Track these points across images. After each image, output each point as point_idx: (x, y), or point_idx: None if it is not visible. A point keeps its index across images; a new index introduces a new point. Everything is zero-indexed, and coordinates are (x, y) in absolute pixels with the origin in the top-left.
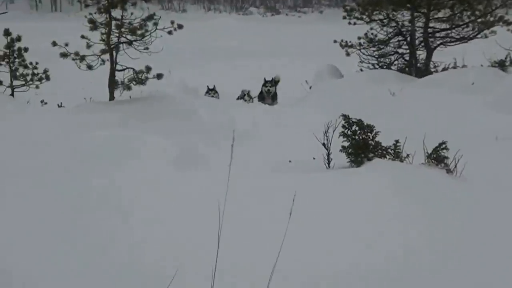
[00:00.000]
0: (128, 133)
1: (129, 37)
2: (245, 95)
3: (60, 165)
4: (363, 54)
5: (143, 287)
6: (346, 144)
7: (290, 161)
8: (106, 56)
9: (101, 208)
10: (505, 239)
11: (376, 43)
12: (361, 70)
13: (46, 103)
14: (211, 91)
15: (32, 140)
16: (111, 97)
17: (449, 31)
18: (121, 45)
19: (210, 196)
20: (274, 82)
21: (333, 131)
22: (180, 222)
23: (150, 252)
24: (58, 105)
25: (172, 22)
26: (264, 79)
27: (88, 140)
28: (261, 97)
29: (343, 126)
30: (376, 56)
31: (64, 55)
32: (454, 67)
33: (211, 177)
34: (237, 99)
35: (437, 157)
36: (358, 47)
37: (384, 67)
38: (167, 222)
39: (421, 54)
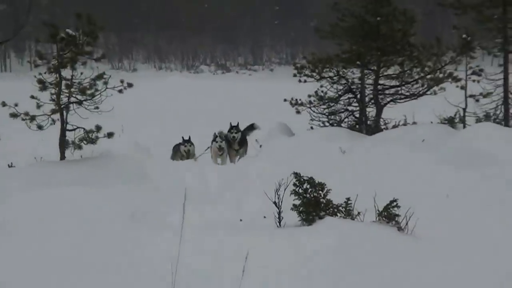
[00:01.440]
0: (79, 192)
1: (79, 96)
2: (217, 136)
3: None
4: (314, 111)
5: None
6: (298, 202)
7: (241, 220)
8: (57, 116)
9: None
10: None
11: (326, 101)
12: (312, 127)
13: None
14: (187, 143)
15: None
16: (62, 157)
17: (398, 88)
18: (71, 104)
19: (163, 254)
20: (250, 127)
21: (285, 189)
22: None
23: None
24: (8, 165)
25: (122, 81)
26: (230, 124)
27: (38, 200)
28: (228, 143)
29: (294, 184)
30: (327, 113)
31: (14, 115)
32: (404, 124)
33: (162, 238)
34: (212, 141)
35: (388, 214)
36: (308, 105)
37: (335, 124)
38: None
39: (371, 111)
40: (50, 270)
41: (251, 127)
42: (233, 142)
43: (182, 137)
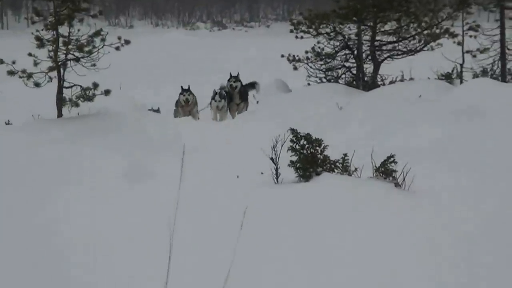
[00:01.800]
0: (76, 149)
1: (76, 54)
2: (216, 94)
3: (10, 186)
4: (311, 68)
5: None
6: (295, 158)
7: (237, 176)
8: (54, 74)
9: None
10: (445, 256)
11: (323, 57)
12: (309, 84)
13: None
14: (186, 92)
15: None
16: (59, 114)
17: (395, 44)
18: (68, 62)
19: (161, 210)
20: (251, 85)
21: (281, 146)
22: (132, 237)
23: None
24: (5, 122)
25: (119, 38)
26: (230, 74)
27: (37, 158)
28: (228, 97)
29: (291, 141)
30: (324, 70)
31: (11, 73)
32: (401, 80)
33: (160, 191)
34: (212, 99)
35: (385, 170)
36: (305, 61)
37: (332, 80)
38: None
39: (368, 67)
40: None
41: (252, 85)
42: (233, 93)
43: (181, 87)
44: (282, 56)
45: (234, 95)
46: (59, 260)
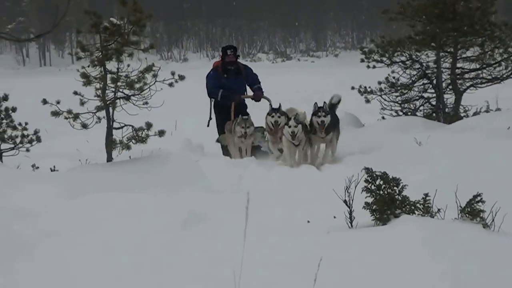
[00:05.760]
0: (127, 197)
1: (126, 91)
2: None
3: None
4: (385, 100)
5: None
6: (370, 200)
7: (308, 221)
8: (102, 113)
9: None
10: None
11: (399, 88)
12: (383, 118)
13: (37, 167)
14: (275, 112)
15: (24, 209)
16: (109, 158)
17: (479, 72)
18: (118, 100)
19: (224, 263)
20: (331, 104)
21: (355, 186)
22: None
23: None
24: (51, 169)
25: (173, 73)
26: (270, 105)
27: (86, 204)
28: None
29: (366, 181)
30: (399, 101)
31: (55, 113)
32: (487, 111)
33: (223, 242)
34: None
35: (471, 210)
36: (378, 93)
37: (409, 113)
38: None
39: (449, 97)
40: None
41: (337, 101)
42: (320, 128)
43: (270, 105)
44: (353, 88)
45: (320, 129)
46: None
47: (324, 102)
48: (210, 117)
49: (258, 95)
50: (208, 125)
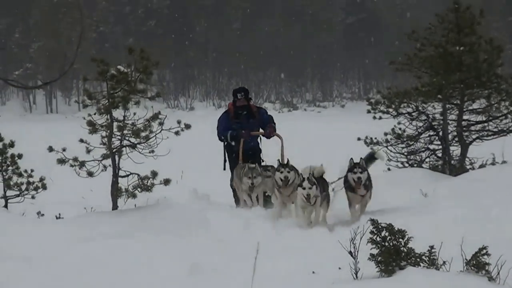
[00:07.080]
0: (131, 245)
1: (132, 139)
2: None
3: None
4: (391, 151)
5: None
6: (375, 251)
7: (313, 272)
8: (108, 161)
9: None
10: None
11: (405, 139)
12: (389, 169)
13: (43, 215)
14: (283, 168)
15: (26, 256)
16: (114, 206)
17: (485, 124)
18: (124, 148)
19: None
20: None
21: (361, 238)
22: None
23: None
24: (56, 216)
25: (179, 122)
26: (278, 161)
27: (90, 252)
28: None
29: (372, 232)
30: (405, 153)
31: (61, 161)
32: (493, 164)
33: None
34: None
35: (477, 263)
36: (384, 144)
37: (415, 165)
38: None
39: (455, 149)
40: None
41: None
42: (356, 186)
43: (278, 160)
44: (359, 139)
45: (358, 186)
46: None
47: (361, 158)
48: (224, 159)
49: (269, 132)
50: (224, 168)
